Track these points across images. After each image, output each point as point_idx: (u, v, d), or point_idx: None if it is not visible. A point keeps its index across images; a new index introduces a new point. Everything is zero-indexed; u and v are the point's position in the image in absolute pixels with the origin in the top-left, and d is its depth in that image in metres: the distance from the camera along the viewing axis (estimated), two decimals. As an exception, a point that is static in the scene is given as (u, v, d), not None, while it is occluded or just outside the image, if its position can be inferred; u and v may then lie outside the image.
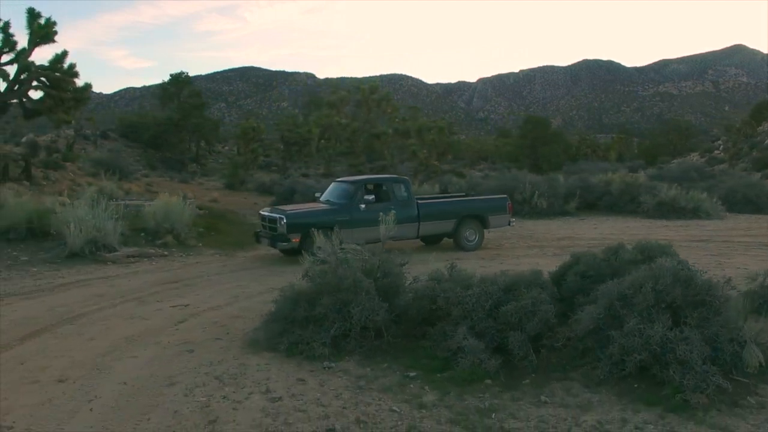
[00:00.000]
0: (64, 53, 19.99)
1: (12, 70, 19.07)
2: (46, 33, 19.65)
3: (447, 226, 11.29)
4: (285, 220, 9.90)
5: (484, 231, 11.69)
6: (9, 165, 19.25)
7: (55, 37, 19.77)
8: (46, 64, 19.49)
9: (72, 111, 20.92)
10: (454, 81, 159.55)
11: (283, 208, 11.07)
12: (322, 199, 11.29)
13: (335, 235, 5.92)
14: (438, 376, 4.82)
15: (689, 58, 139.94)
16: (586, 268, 6.11)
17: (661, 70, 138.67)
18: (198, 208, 14.39)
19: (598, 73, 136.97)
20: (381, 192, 10.94)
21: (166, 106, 40.50)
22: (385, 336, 5.49)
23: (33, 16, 19.54)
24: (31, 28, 19.39)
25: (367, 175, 15.42)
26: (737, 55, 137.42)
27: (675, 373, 4.40)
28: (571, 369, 4.97)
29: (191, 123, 38.99)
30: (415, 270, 6.35)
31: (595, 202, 18.65)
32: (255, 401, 4.39)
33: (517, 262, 9.84)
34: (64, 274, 9.40)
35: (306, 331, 5.43)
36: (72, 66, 19.91)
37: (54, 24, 19.75)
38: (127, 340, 5.98)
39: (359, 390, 4.59)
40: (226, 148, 50.75)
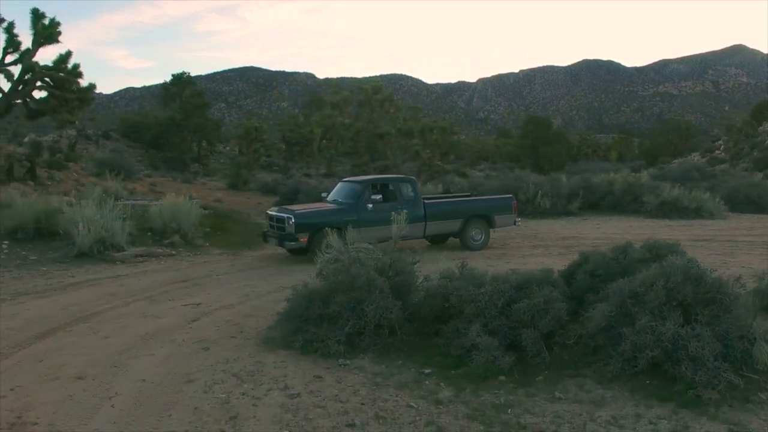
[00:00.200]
0: (68, 53, 19.95)
1: (16, 71, 19.17)
2: (50, 33, 19.66)
3: (453, 225, 11.35)
4: (293, 220, 9.96)
5: (489, 230, 11.76)
6: (14, 165, 19.31)
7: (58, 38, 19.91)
8: (50, 65, 19.51)
9: (76, 111, 20.97)
10: (454, 81, 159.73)
11: (291, 207, 11.14)
12: (329, 198, 11.36)
13: (348, 234, 5.97)
14: (452, 372, 4.89)
15: (689, 58, 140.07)
16: (595, 267, 6.18)
17: (661, 70, 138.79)
18: (203, 208, 14.46)
19: (598, 73, 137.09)
20: (388, 192, 11.00)
21: (168, 106, 40.51)
22: (399, 334, 5.56)
23: (37, 16, 19.56)
24: (35, 28, 19.40)
25: (374, 175, 15.47)
26: (737, 55, 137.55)
27: (687, 369, 4.47)
28: (583, 366, 5.05)
29: (193, 123, 39.03)
30: (425, 269, 6.41)
31: (598, 202, 18.73)
32: (274, 397, 4.46)
33: (524, 262, 9.92)
34: (74, 274, 9.47)
35: (320, 329, 5.49)
36: (76, 66, 19.91)
37: (58, 24, 19.74)
38: (142, 338, 6.05)
39: (376, 386, 4.66)
40: (228, 148, 50.79)
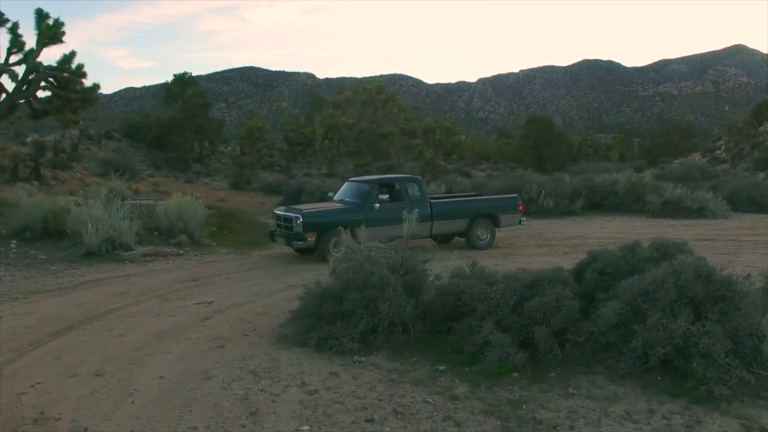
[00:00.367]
0: (72, 53, 20.01)
1: (20, 71, 19.22)
2: (54, 34, 19.72)
3: (459, 225, 11.42)
4: (301, 220, 10.03)
5: (495, 230, 11.83)
6: (18, 165, 19.38)
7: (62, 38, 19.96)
8: (54, 65, 19.58)
9: (80, 111, 21.05)
10: (454, 81, 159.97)
11: (298, 207, 11.20)
12: (335, 198, 11.42)
13: (361, 233, 6.04)
14: (466, 369, 4.96)
15: (689, 58, 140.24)
16: (604, 265, 6.25)
17: (661, 70, 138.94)
18: (208, 208, 14.52)
19: (598, 73, 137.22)
20: (394, 191, 11.06)
21: (170, 106, 40.58)
22: (412, 331, 5.63)
23: (41, 17, 19.63)
24: (39, 28, 19.46)
25: (381, 175, 15.53)
26: (737, 55, 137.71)
27: (698, 365, 4.54)
28: (594, 363, 5.12)
29: (194, 123, 39.10)
30: (433, 268, 6.46)
31: (601, 202, 18.81)
32: (292, 394, 4.53)
33: (530, 261, 9.99)
34: (84, 273, 9.54)
35: (334, 326, 5.56)
36: (80, 66, 20.01)
37: (62, 25, 19.81)
38: (156, 336, 6.12)
39: (392, 383, 4.73)
40: (229, 148, 50.90)
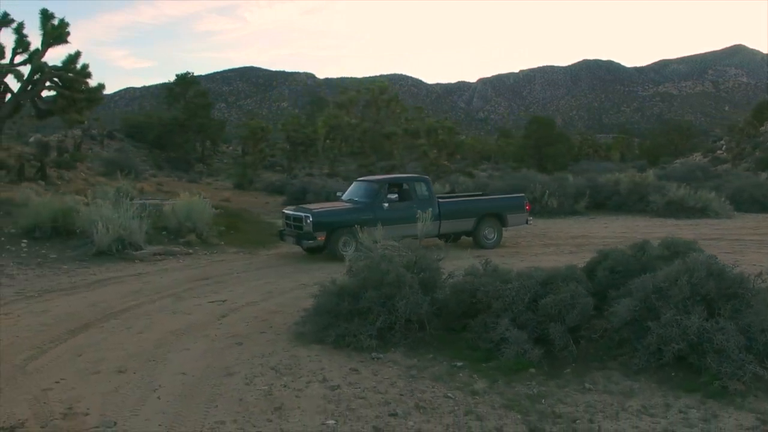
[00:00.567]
0: (78, 53, 20.05)
1: (25, 71, 19.30)
2: (59, 34, 19.78)
3: (467, 224, 11.51)
4: (311, 219, 10.11)
5: (502, 229, 11.92)
6: (24, 165, 19.44)
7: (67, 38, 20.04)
8: (60, 65, 19.65)
9: (84, 111, 21.13)
10: (454, 81, 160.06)
11: (308, 206, 11.29)
12: (344, 198, 11.51)
13: (378, 232, 6.12)
14: (484, 365, 5.05)
15: (689, 58, 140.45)
16: (614, 264, 6.34)
17: (661, 70, 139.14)
18: (214, 208, 14.58)
19: (598, 73, 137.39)
20: (403, 191, 11.14)
21: (172, 106, 40.65)
22: (428, 328, 5.72)
23: (46, 17, 19.67)
24: (44, 29, 19.51)
25: (388, 175, 15.61)
26: (737, 55, 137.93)
27: (712, 361, 4.63)
28: (608, 359, 5.21)
29: (196, 123, 39.17)
30: (443, 266, 6.52)
31: (604, 202, 18.90)
32: (315, 389, 4.61)
33: (537, 260, 10.07)
34: (95, 272, 9.62)
35: (351, 324, 5.65)
36: (85, 66, 20.03)
37: (67, 25, 19.87)
38: (174, 333, 6.20)
39: (412, 378, 4.82)
40: (230, 148, 50.96)
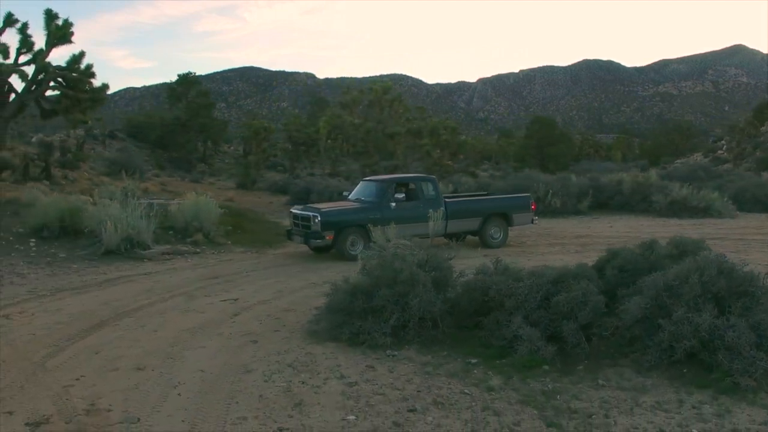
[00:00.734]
0: (82, 54, 20.14)
1: (29, 71, 19.36)
2: (63, 34, 19.84)
3: (473, 224, 11.58)
4: (319, 218, 10.18)
5: (508, 229, 11.99)
6: (29, 165, 19.50)
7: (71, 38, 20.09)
8: (64, 65, 19.71)
9: (88, 111, 21.20)
10: (454, 81, 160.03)
11: (316, 206, 11.36)
12: (351, 197, 11.58)
13: (391, 230, 6.19)
14: (497, 362, 5.12)
15: (689, 58, 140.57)
16: (624, 263, 6.42)
17: (661, 70, 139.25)
18: (219, 207, 14.64)
19: (598, 73, 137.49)
20: (410, 191, 11.20)
21: (174, 106, 40.71)
22: (441, 326, 5.79)
23: (50, 17, 19.74)
24: (48, 29, 19.58)
25: (394, 174, 15.68)
26: (737, 55, 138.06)
27: (724, 358, 4.70)
28: (620, 356, 5.28)
29: (198, 123, 39.22)
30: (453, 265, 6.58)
31: (607, 202, 18.96)
32: (333, 386, 4.68)
33: (544, 259, 10.14)
34: (105, 271, 9.69)
35: (366, 322, 5.72)
36: (89, 66, 20.10)
37: (71, 25, 19.94)
38: (189, 332, 6.27)
39: (428, 375, 4.89)
40: (231, 148, 51.03)
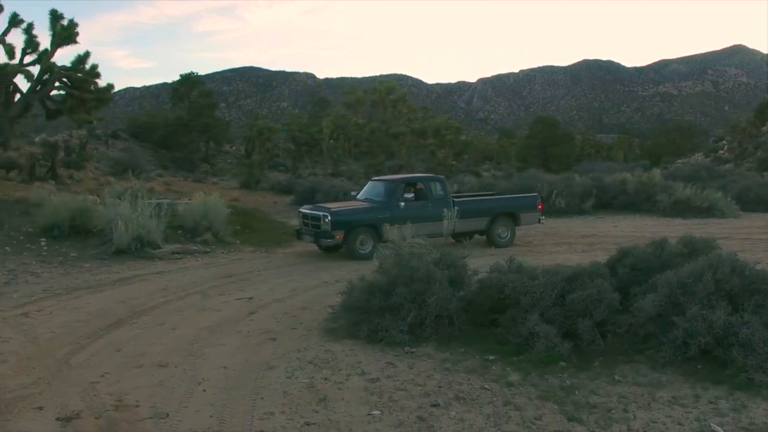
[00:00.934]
0: (87, 54, 20.23)
1: (35, 71, 19.43)
2: (68, 34, 19.93)
3: (481, 223, 11.67)
4: (330, 218, 10.28)
5: (515, 228, 12.08)
6: (36, 165, 19.58)
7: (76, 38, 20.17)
8: (69, 65, 19.78)
9: (93, 111, 21.29)
10: (454, 81, 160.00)
11: (326, 205, 11.44)
12: (360, 197, 11.67)
13: (407, 229, 6.28)
14: (514, 359, 5.21)
15: (689, 58, 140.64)
16: (635, 261, 6.51)
17: (661, 70, 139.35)
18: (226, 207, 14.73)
19: (598, 73, 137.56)
20: (418, 190, 11.29)
21: (176, 106, 40.79)
22: (457, 324, 5.88)
23: (55, 17, 19.82)
24: (53, 29, 19.66)
25: (401, 174, 15.78)
26: (737, 55, 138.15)
27: (738, 354, 4.80)
28: (634, 352, 5.38)
29: (201, 123, 39.29)
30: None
31: (611, 201, 19.07)
32: (355, 382, 4.77)
33: (552, 258, 10.22)
34: (118, 270, 9.77)
35: (383, 319, 5.81)
36: (94, 67, 20.21)
37: (76, 25, 20.04)
38: (207, 329, 6.35)
39: (447, 371, 4.98)
40: (233, 148, 51.10)
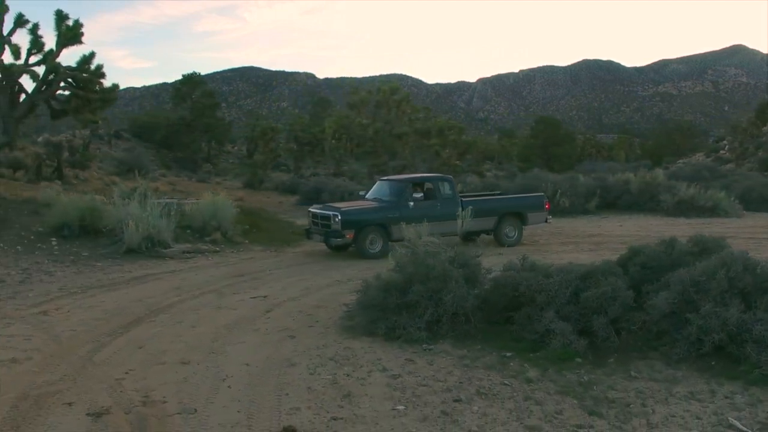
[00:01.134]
0: (92, 54, 20.23)
1: (40, 71, 19.49)
2: (74, 34, 19.98)
3: (488, 223, 11.76)
4: (340, 217, 10.38)
5: (522, 228, 12.18)
6: (42, 165, 19.67)
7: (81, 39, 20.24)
8: (74, 65, 19.85)
9: (98, 111, 21.36)
10: (454, 81, 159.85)
11: (335, 205, 11.54)
12: (368, 197, 11.77)
13: (423, 228, 6.37)
14: (531, 355, 5.31)
15: (689, 58, 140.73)
16: (647, 260, 6.61)
17: (661, 70, 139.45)
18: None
19: (598, 73, 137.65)
20: (426, 190, 11.39)
21: (179, 106, 40.88)
22: (473, 321, 5.98)
23: (61, 17, 19.86)
24: (59, 29, 19.71)
25: (411, 174, 15.88)
26: (737, 55, 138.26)
27: (752, 350, 4.90)
28: (648, 349, 5.48)
29: (203, 123, 39.39)
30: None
31: (614, 201, 19.15)
32: (377, 378, 4.86)
33: (559, 257, 10.30)
34: (130, 269, 9.86)
35: (400, 317, 5.90)
36: (99, 67, 20.23)
37: (81, 26, 20.08)
38: (226, 327, 6.44)
39: (466, 368, 5.08)
40: (235, 148, 51.20)
